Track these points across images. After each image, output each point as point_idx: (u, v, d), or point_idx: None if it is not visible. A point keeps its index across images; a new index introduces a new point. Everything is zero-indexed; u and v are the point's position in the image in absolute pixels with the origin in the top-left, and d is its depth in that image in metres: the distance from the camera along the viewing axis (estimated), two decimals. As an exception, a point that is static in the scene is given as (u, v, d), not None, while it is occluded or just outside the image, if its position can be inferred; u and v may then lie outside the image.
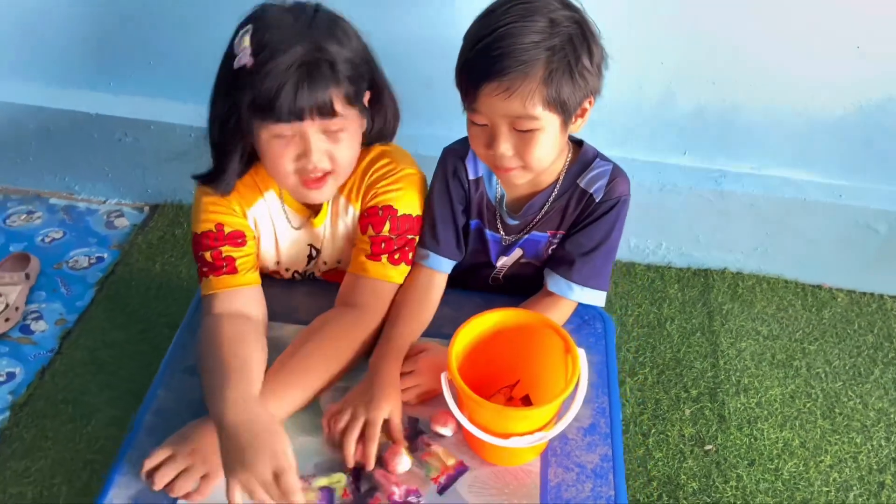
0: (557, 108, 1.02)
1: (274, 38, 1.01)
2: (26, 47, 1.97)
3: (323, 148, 1.07)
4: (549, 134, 1.05)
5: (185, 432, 1.02)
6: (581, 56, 1.02)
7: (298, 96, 1.00)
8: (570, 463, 1.07)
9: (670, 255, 2.08)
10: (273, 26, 1.03)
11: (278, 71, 0.99)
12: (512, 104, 1.00)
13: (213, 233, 1.15)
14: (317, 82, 1.01)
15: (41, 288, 1.94)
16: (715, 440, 1.68)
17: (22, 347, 1.79)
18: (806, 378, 1.83)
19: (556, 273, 1.20)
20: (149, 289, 1.93)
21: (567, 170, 1.18)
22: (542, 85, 0.99)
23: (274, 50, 1.00)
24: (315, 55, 1.01)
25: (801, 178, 1.92)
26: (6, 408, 1.66)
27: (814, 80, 1.76)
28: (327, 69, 1.02)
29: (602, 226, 1.18)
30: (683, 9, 1.69)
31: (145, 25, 1.88)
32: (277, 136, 1.05)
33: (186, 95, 2.01)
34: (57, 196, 2.21)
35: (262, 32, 1.02)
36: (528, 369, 1.09)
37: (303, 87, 1.00)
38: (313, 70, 1.00)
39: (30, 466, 1.55)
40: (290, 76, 0.99)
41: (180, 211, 2.16)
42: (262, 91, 1.00)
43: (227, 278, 1.14)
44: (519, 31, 0.98)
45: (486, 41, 0.99)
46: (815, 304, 2.01)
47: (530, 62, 0.98)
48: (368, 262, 1.18)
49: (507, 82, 0.99)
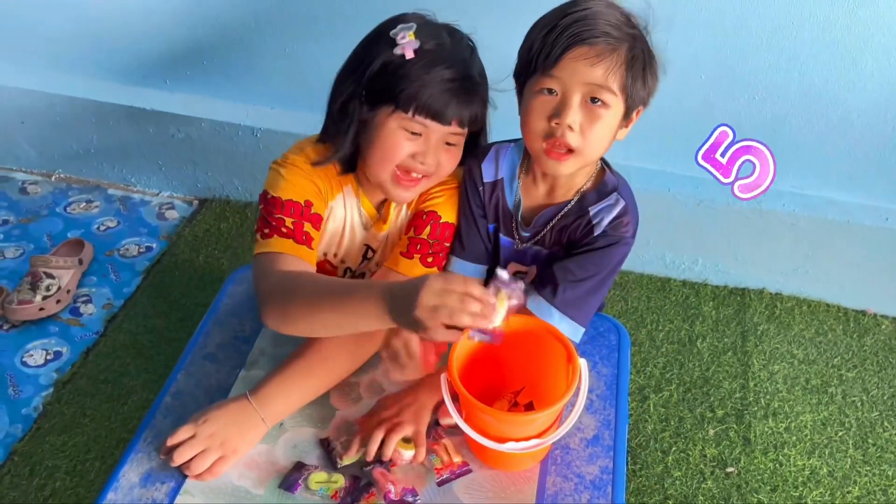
0: (627, 95, 1.06)
1: (436, 44, 1.10)
2: (89, 46, 2.08)
3: (438, 153, 1.14)
4: (612, 119, 1.07)
5: (208, 415, 1.06)
6: (653, 59, 1.09)
7: (453, 102, 1.09)
8: (569, 472, 1.08)
9: (706, 272, 2.05)
10: (433, 34, 1.11)
11: (441, 75, 1.08)
12: (596, 71, 1.03)
13: (301, 206, 1.16)
14: (472, 96, 1.12)
15: (93, 273, 2.04)
16: (738, 463, 1.64)
17: (70, 328, 1.89)
18: (840, 406, 1.77)
19: (538, 294, 1.16)
20: (191, 279, 2.01)
21: (585, 193, 1.18)
22: (624, 65, 1.04)
23: (437, 53, 1.09)
24: (470, 73, 1.12)
25: (845, 200, 1.87)
26: (51, 384, 1.75)
27: (861, 99, 1.71)
28: (482, 88, 1.14)
29: (595, 259, 1.14)
30: (724, 22, 1.67)
31: (199, 28, 1.97)
32: (406, 129, 1.11)
33: (236, 95, 2.09)
34: (115, 187, 2.33)
35: (426, 33, 1.10)
36: (532, 376, 1.10)
37: (460, 97, 1.10)
38: (472, 84, 1.12)
39: (67, 441, 1.64)
40: (451, 84, 1.09)
41: (227, 206, 2.24)
42: (421, 88, 1.08)
43: (304, 249, 1.14)
44: (608, 13, 1.05)
45: (578, 13, 1.04)
46: (856, 330, 1.95)
47: (618, 39, 1.04)
48: (402, 259, 1.20)
49: (597, 49, 1.03)
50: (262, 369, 1.18)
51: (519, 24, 1.12)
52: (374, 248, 1.30)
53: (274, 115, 2.07)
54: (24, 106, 2.19)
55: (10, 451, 1.62)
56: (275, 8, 1.90)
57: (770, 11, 1.63)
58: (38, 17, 2.05)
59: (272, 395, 1.08)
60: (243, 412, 1.06)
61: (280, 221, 1.13)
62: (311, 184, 1.17)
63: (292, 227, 1.13)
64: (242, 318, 1.28)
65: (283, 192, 1.15)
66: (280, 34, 1.94)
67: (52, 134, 2.24)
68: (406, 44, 1.08)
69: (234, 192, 2.26)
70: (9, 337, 1.85)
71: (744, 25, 1.67)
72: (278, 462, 1.06)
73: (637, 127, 1.88)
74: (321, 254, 1.28)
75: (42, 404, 1.71)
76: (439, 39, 1.11)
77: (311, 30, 1.91)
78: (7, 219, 2.19)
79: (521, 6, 1.17)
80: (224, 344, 1.23)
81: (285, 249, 1.12)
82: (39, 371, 1.78)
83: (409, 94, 1.08)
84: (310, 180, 1.17)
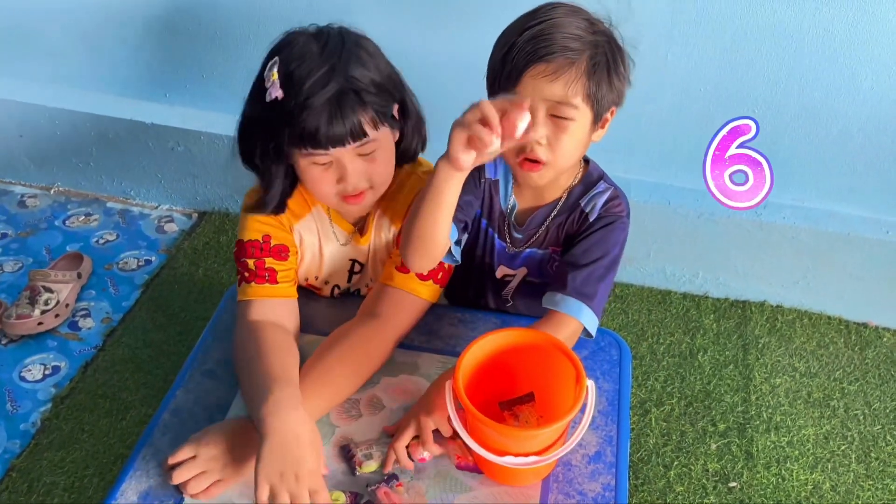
0: (593, 103, 1.06)
1: (301, 71, 1.06)
2: (89, 59, 2.09)
3: (360, 169, 1.12)
4: (580, 129, 1.07)
5: (210, 437, 1.05)
6: (618, 60, 1.07)
7: (330, 126, 1.05)
8: (571, 490, 1.07)
9: (707, 285, 2.04)
10: (298, 57, 1.07)
11: (308, 103, 1.04)
12: (555, 87, 1.03)
13: (259, 243, 1.20)
14: (346, 110, 1.06)
15: (92, 287, 2.04)
16: (740, 477, 1.63)
17: (69, 343, 1.88)
18: (843, 419, 1.76)
19: (551, 290, 1.17)
20: (190, 292, 2.01)
21: (572, 188, 1.20)
22: (584, 76, 1.03)
23: (301, 83, 1.05)
24: (342, 84, 1.06)
25: (846, 212, 1.87)
26: (49, 399, 1.74)
27: (860, 112, 1.72)
28: (353, 97, 1.06)
29: (597, 242, 1.16)
30: (724, 36, 1.67)
31: (198, 41, 1.97)
32: (315, 163, 1.11)
33: (236, 108, 2.06)
34: (114, 200, 2.32)
35: (289, 64, 1.07)
36: (540, 391, 1.10)
37: (334, 117, 1.05)
38: (341, 99, 1.05)
39: (65, 457, 1.63)
40: (321, 108, 1.05)
41: (226, 219, 2.24)
42: (296, 123, 1.05)
43: (267, 287, 1.18)
44: (567, 23, 1.04)
45: (535, 28, 1.04)
46: (858, 343, 1.94)
47: (577, 51, 1.03)
48: (397, 273, 1.20)
49: (554, 65, 1.02)
50: (261, 386, 1.17)
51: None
52: (361, 262, 1.30)
53: (273, 128, 2.07)
54: (24, 119, 2.19)
55: (8, 467, 1.61)
56: (274, 22, 1.89)
57: (769, 25, 1.64)
58: (39, 30, 2.06)
59: None
60: (246, 435, 1.05)
61: (244, 265, 1.19)
62: (267, 217, 1.20)
63: (254, 268, 1.19)
64: (242, 334, 1.27)
65: (243, 233, 1.21)
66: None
67: (51, 147, 2.24)
68: (272, 87, 1.06)
69: (234, 206, 2.26)
70: (7, 352, 1.85)
71: (743, 39, 1.67)
72: (278, 480, 1.05)
73: (637, 140, 1.89)
74: (303, 278, 1.29)
75: (40, 420, 1.70)
76: (304, 61, 1.06)
77: (310, 43, 1.91)
78: (6, 232, 2.19)
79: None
80: (223, 360, 1.22)
81: (255, 295, 1.18)
82: (38, 386, 1.77)
83: (292, 134, 1.07)
84: (265, 214, 1.20)
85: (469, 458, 1.07)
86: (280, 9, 1.87)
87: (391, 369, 1.19)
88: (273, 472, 0.96)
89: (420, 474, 1.06)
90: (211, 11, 1.91)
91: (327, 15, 1.82)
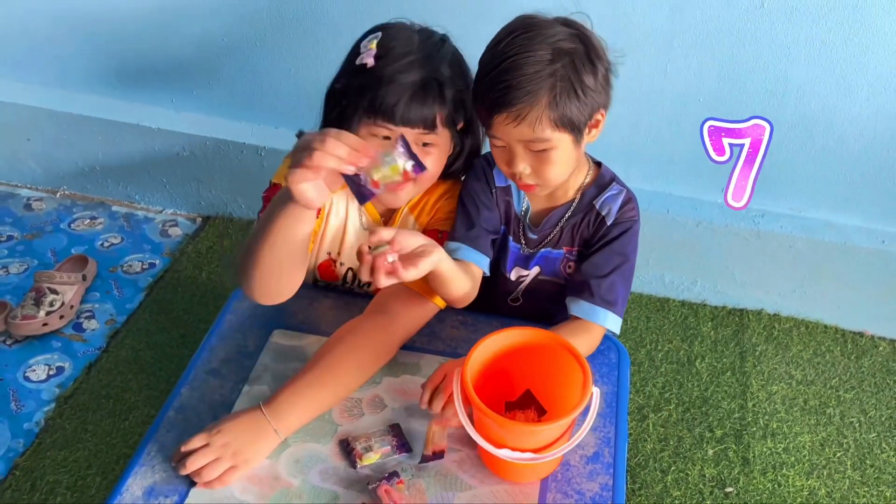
0: (566, 127, 1.08)
1: (397, 48, 1.12)
2: (96, 64, 2.12)
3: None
4: (563, 151, 1.11)
5: (222, 426, 1.07)
6: (583, 76, 1.07)
7: (408, 106, 1.10)
8: (569, 489, 1.08)
9: (705, 293, 2.07)
10: (400, 38, 1.14)
11: (395, 78, 1.10)
12: (522, 130, 1.07)
13: None
14: (426, 97, 1.12)
15: (96, 289, 2.06)
16: (737, 483, 1.65)
17: (73, 344, 1.90)
18: (839, 427, 1.78)
19: (577, 298, 1.22)
20: (193, 295, 2.03)
21: (585, 189, 1.24)
22: (547, 109, 1.05)
23: (395, 58, 1.11)
24: (430, 73, 1.12)
25: (842, 222, 1.89)
26: (52, 399, 1.76)
27: (857, 123, 1.74)
28: (437, 89, 1.12)
29: (617, 248, 1.22)
30: (722, 48, 1.70)
31: (205, 48, 2.00)
32: (375, 136, 1.14)
33: (241, 114, 2.12)
34: (119, 204, 2.35)
35: (390, 40, 1.13)
36: (547, 391, 1.12)
37: (415, 98, 1.10)
38: (426, 85, 1.11)
39: (68, 456, 1.64)
40: (406, 86, 1.10)
41: (230, 223, 2.26)
42: (377, 92, 1.10)
43: None
44: (522, 62, 1.05)
45: (492, 75, 1.07)
46: (854, 352, 1.96)
47: (534, 91, 1.04)
48: None
49: (515, 111, 1.05)
50: (265, 384, 1.19)
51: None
52: None
53: (278, 134, 2.10)
54: (31, 123, 2.21)
55: (11, 466, 1.62)
56: (280, 28, 1.93)
57: (767, 37, 1.67)
58: (46, 35, 2.09)
59: (286, 407, 1.09)
60: (257, 423, 1.07)
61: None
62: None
63: None
64: (246, 334, 1.29)
65: (281, 176, 1.20)
66: (285, 54, 1.97)
67: (57, 151, 2.27)
68: (366, 53, 1.11)
69: (238, 210, 2.28)
70: (12, 352, 1.86)
71: (741, 51, 1.70)
72: (281, 476, 1.07)
73: (636, 149, 1.91)
74: (325, 252, 1.31)
75: (44, 419, 1.72)
76: (404, 44, 1.13)
77: (315, 50, 1.94)
78: (12, 234, 2.21)
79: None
80: (228, 359, 1.24)
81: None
82: (41, 386, 1.79)
83: (369, 101, 1.11)
84: None
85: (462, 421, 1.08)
86: (287, 16, 1.90)
87: (393, 370, 1.21)
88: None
89: (421, 472, 1.07)
90: (218, 18, 1.94)
91: (335, 22, 1.87)
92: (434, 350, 1.25)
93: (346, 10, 1.85)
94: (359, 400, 1.17)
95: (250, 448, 1.06)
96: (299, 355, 1.22)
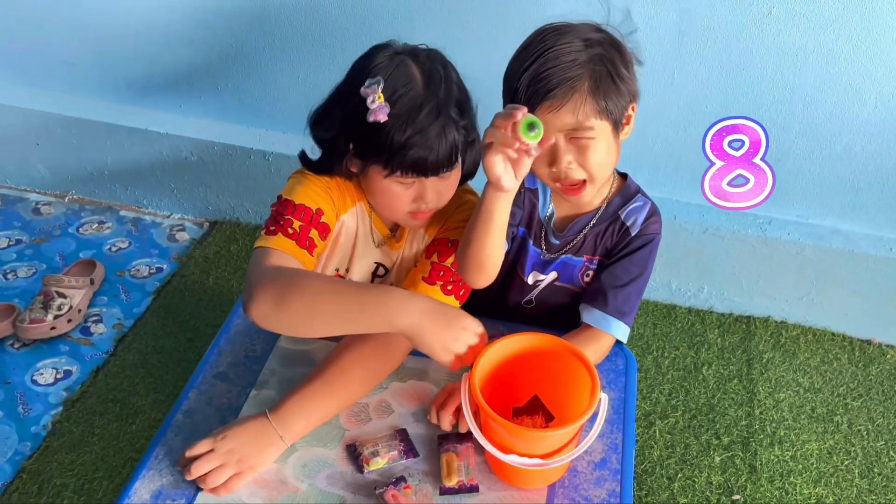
0: (606, 114, 1.09)
1: (409, 101, 1.08)
2: (105, 69, 2.13)
3: (438, 190, 1.17)
4: (604, 141, 1.11)
5: (227, 432, 1.07)
6: (617, 64, 1.10)
7: (437, 158, 1.11)
8: (576, 496, 1.08)
9: (712, 300, 2.06)
10: (404, 84, 1.09)
11: (416, 140, 1.08)
12: (564, 118, 1.07)
13: (312, 212, 1.18)
14: (449, 143, 1.11)
15: (103, 293, 2.06)
16: (744, 490, 1.64)
17: (80, 348, 1.91)
18: (846, 434, 1.77)
19: (591, 306, 1.24)
20: (200, 300, 2.03)
21: (611, 199, 1.25)
22: (589, 95, 1.07)
23: (410, 112, 1.08)
24: (448, 119, 1.10)
25: (850, 230, 1.89)
26: (60, 403, 1.77)
27: (864, 130, 1.74)
28: (455, 131, 1.11)
29: (637, 261, 1.23)
30: (730, 55, 1.70)
31: (214, 53, 2.01)
32: (399, 183, 1.14)
33: (249, 119, 2.13)
34: (127, 208, 2.36)
35: (395, 89, 1.08)
36: (557, 397, 1.11)
37: (441, 150, 1.10)
38: (447, 133, 1.10)
39: (75, 460, 1.65)
40: (429, 142, 1.09)
41: (237, 228, 2.27)
42: (403, 152, 1.09)
43: (305, 254, 1.16)
44: (559, 52, 1.07)
45: (532, 68, 1.07)
46: (862, 360, 1.95)
47: (574, 77, 1.06)
48: (423, 284, 1.22)
49: (558, 99, 1.06)
50: (272, 389, 1.19)
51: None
52: (386, 267, 1.32)
53: (286, 139, 2.10)
54: (41, 128, 2.23)
55: (18, 469, 1.63)
56: (288, 34, 1.94)
57: (775, 45, 1.67)
58: (56, 41, 2.10)
59: (292, 413, 1.09)
60: (262, 430, 1.07)
61: (288, 222, 1.16)
62: (326, 194, 1.21)
63: (298, 230, 1.16)
64: (254, 338, 1.29)
65: (297, 196, 1.19)
66: (293, 60, 1.98)
67: (66, 156, 2.28)
68: (376, 109, 1.07)
69: (245, 215, 2.29)
70: (19, 355, 1.87)
71: (749, 58, 1.70)
72: (288, 481, 1.07)
73: (644, 155, 1.91)
74: (332, 268, 1.31)
75: (51, 423, 1.72)
76: (410, 88, 1.09)
77: (323, 55, 1.95)
78: (20, 238, 2.22)
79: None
80: (235, 363, 1.25)
81: (286, 249, 1.13)
82: (49, 389, 1.80)
83: (392, 159, 1.10)
84: (325, 190, 1.21)
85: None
86: (294, 22, 1.91)
87: (400, 375, 1.21)
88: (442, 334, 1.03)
89: (427, 477, 1.08)
90: (226, 23, 1.95)
91: (343, 28, 1.88)
92: (441, 355, 1.25)
93: (354, 16, 1.86)
94: (366, 405, 1.18)
95: (255, 455, 1.06)
96: (307, 360, 1.23)
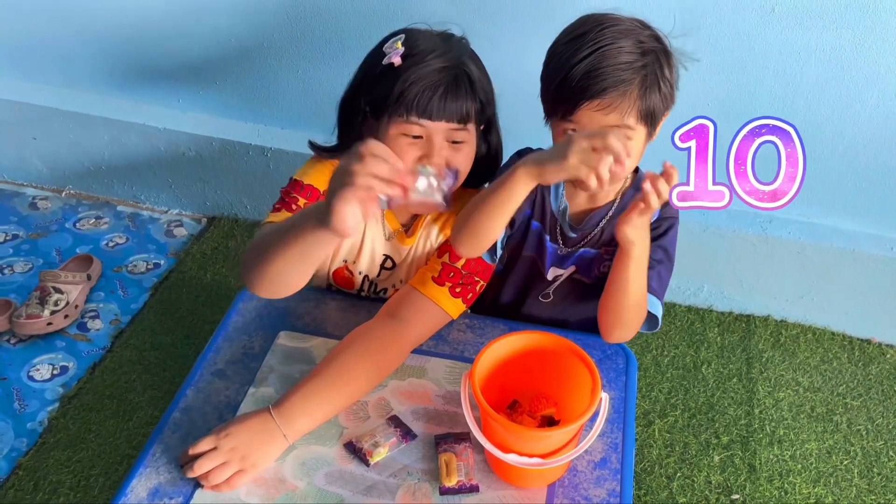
0: (648, 119, 1.10)
1: (424, 47, 1.13)
2: (103, 64, 2.12)
3: (445, 154, 1.15)
4: (637, 144, 1.12)
5: (230, 429, 1.06)
6: (665, 71, 1.11)
7: (442, 99, 1.11)
8: (576, 495, 1.08)
9: (712, 298, 2.06)
10: (423, 38, 1.15)
11: (427, 74, 1.10)
12: (610, 118, 1.08)
13: (319, 193, 1.20)
14: (458, 91, 1.12)
15: (100, 289, 2.05)
16: (743, 490, 1.64)
17: (77, 343, 1.90)
18: (846, 434, 1.77)
19: None
20: (198, 296, 2.02)
21: (625, 192, 1.25)
22: (637, 100, 1.08)
23: (423, 55, 1.12)
24: (459, 68, 1.13)
25: (851, 229, 1.88)
26: (56, 399, 1.76)
27: (866, 130, 1.73)
28: (467, 82, 1.13)
29: (662, 242, 1.24)
30: (732, 54, 1.69)
31: (213, 48, 2.00)
32: (405, 135, 1.14)
33: (247, 115, 2.12)
34: (124, 204, 2.34)
35: (414, 40, 1.14)
36: (557, 396, 1.11)
37: (448, 92, 1.11)
38: (457, 79, 1.13)
39: (72, 456, 1.64)
40: (436, 80, 1.10)
41: (235, 224, 2.26)
42: (409, 88, 1.10)
43: None
44: (616, 52, 1.07)
45: (586, 61, 1.07)
46: (862, 359, 1.95)
47: (628, 80, 1.06)
48: (431, 283, 1.21)
49: (608, 100, 1.06)
50: (270, 386, 1.18)
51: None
52: (395, 260, 1.31)
53: (284, 135, 2.09)
54: (37, 122, 2.22)
55: (14, 466, 1.62)
56: (287, 29, 1.93)
57: (777, 44, 1.66)
58: (53, 35, 2.09)
59: (295, 411, 1.08)
60: (265, 427, 1.07)
61: (293, 200, 1.17)
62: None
63: (302, 207, 1.16)
64: (252, 335, 1.28)
65: (307, 177, 1.21)
66: (292, 55, 1.97)
67: (63, 150, 2.27)
68: (393, 52, 1.11)
69: (243, 211, 2.28)
70: (16, 351, 1.86)
71: (751, 57, 1.69)
72: (286, 479, 1.06)
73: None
74: (340, 259, 1.30)
75: (47, 419, 1.71)
76: (428, 43, 1.14)
77: (322, 51, 1.94)
78: (17, 233, 2.21)
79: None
80: (233, 360, 1.24)
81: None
82: (45, 386, 1.79)
83: (398, 98, 1.11)
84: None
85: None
86: (294, 17, 1.90)
87: (400, 373, 1.20)
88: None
89: (428, 476, 1.07)
90: (226, 19, 1.94)
91: (342, 24, 1.86)
92: (441, 353, 1.25)
93: (353, 11, 1.85)
94: (365, 403, 1.17)
95: (258, 452, 1.05)
96: (305, 357, 1.22)
